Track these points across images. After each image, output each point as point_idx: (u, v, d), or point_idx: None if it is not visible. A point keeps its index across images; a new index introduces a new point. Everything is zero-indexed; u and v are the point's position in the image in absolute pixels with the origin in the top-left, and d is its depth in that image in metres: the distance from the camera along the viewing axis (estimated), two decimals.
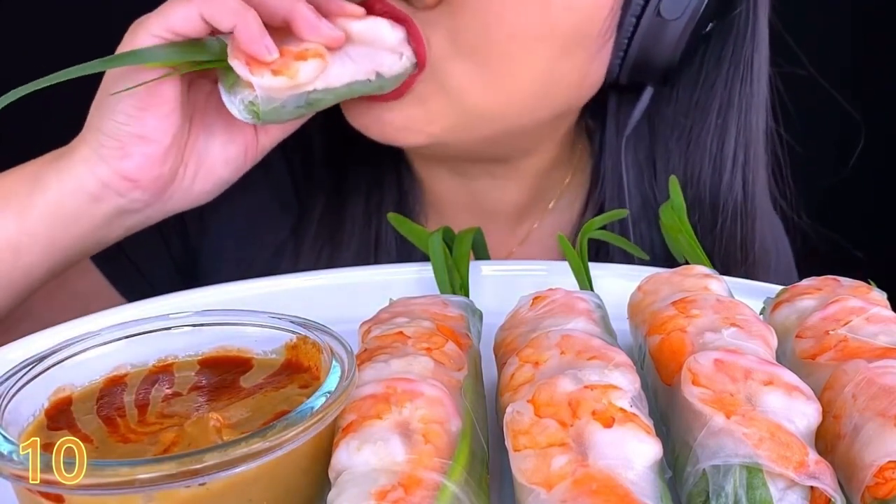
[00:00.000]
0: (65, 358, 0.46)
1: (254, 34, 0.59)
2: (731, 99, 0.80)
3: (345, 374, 0.42)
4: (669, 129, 0.82)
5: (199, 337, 0.49)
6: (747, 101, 0.80)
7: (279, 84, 0.60)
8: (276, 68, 0.60)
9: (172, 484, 0.36)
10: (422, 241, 0.68)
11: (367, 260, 0.83)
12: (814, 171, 1.55)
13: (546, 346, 0.45)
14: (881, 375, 0.42)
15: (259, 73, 0.59)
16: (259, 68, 0.59)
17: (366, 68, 0.64)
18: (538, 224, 0.89)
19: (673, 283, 0.53)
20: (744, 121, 0.81)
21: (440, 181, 0.88)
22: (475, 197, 0.88)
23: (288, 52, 0.61)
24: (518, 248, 0.89)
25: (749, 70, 0.79)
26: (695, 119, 0.81)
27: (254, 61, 0.59)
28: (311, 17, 0.61)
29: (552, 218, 0.89)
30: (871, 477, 0.38)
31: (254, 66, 0.59)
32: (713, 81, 0.80)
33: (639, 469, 0.37)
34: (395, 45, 0.65)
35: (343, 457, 0.39)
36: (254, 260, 0.71)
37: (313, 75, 0.61)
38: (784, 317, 0.52)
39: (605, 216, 0.67)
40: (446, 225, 0.68)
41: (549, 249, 0.88)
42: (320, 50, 0.61)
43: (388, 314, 0.51)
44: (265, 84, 0.60)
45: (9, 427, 0.40)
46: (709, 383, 0.41)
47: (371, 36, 0.64)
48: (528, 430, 0.39)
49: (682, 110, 0.81)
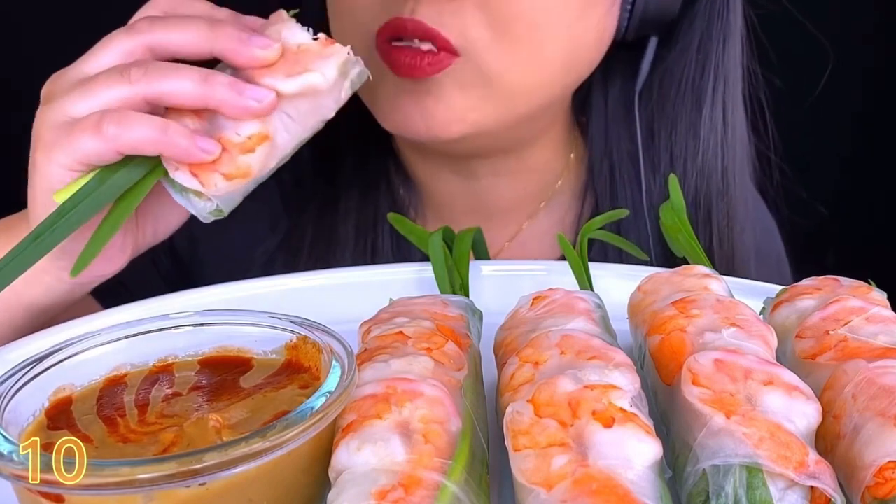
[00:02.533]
0: (65, 358, 0.46)
1: (184, 149, 0.53)
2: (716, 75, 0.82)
3: (345, 374, 0.42)
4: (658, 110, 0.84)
5: (199, 337, 0.49)
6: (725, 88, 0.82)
7: (234, 186, 0.55)
8: (226, 172, 0.54)
9: (172, 484, 0.36)
10: (422, 241, 0.69)
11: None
12: (815, 169, 1.55)
13: (546, 346, 0.45)
14: (881, 375, 0.42)
15: (209, 181, 0.54)
16: (207, 174, 0.54)
17: (312, 122, 0.58)
18: (527, 224, 0.90)
19: (673, 283, 0.53)
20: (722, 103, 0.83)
21: (442, 182, 0.88)
22: (476, 196, 0.88)
23: (229, 143, 0.54)
24: (507, 246, 0.89)
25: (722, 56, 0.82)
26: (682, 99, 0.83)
27: (197, 167, 0.54)
28: (231, 98, 0.53)
29: (541, 219, 0.90)
30: (871, 477, 0.38)
31: (200, 173, 0.54)
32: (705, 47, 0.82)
33: (639, 469, 0.37)
34: (328, 66, 0.56)
35: (343, 457, 0.39)
36: (244, 274, 0.71)
37: (265, 161, 0.56)
38: (784, 317, 0.52)
39: (604, 216, 0.67)
40: (443, 225, 0.68)
41: (536, 250, 0.88)
42: (263, 132, 0.55)
43: (388, 314, 0.51)
44: (221, 192, 0.55)
45: (9, 427, 0.40)
46: (709, 383, 0.41)
47: (303, 86, 0.55)
48: (528, 430, 0.39)
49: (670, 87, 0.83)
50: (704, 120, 0.83)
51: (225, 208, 0.56)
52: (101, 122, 0.52)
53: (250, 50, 0.53)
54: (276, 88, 0.54)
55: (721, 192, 0.84)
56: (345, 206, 0.87)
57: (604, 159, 0.86)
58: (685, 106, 0.83)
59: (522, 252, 0.89)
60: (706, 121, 0.83)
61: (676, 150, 0.83)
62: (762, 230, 0.96)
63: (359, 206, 0.87)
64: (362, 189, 0.88)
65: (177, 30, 0.55)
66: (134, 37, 0.55)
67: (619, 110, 0.85)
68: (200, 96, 0.53)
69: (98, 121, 0.52)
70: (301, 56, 0.55)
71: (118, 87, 0.53)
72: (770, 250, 0.97)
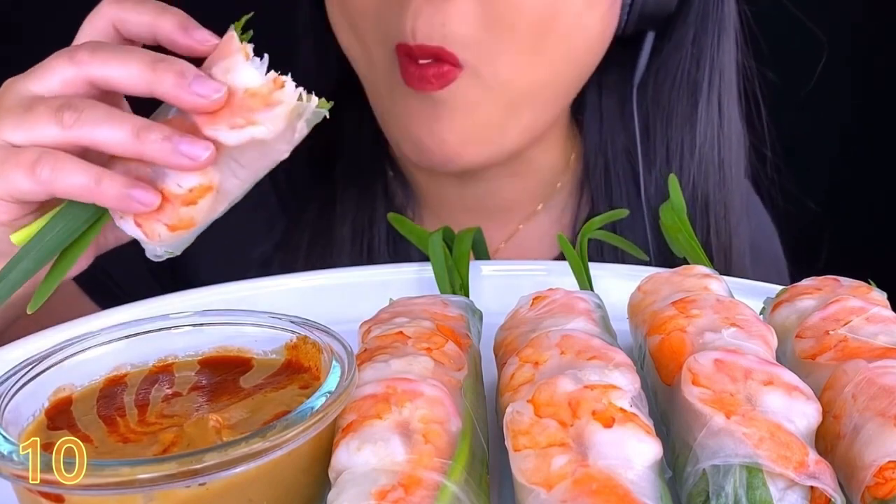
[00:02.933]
0: (65, 358, 0.46)
1: (116, 201, 0.50)
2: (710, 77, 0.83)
3: (345, 374, 0.42)
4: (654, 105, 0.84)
5: (199, 337, 0.49)
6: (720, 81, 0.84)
7: (180, 237, 0.53)
8: (169, 223, 0.51)
9: (172, 484, 0.36)
10: (422, 241, 0.69)
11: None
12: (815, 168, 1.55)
13: (546, 346, 0.45)
14: (881, 375, 0.42)
15: (152, 232, 0.52)
16: (150, 224, 0.51)
17: (262, 166, 0.53)
18: (524, 225, 0.90)
19: (673, 283, 0.53)
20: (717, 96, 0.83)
21: (440, 183, 0.88)
22: (476, 197, 0.88)
23: (171, 195, 0.51)
24: (503, 247, 0.90)
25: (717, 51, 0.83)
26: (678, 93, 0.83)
27: (141, 217, 0.51)
28: (164, 155, 0.49)
29: (539, 218, 0.90)
30: (871, 477, 0.38)
31: (143, 223, 0.52)
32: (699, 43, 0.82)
33: (639, 469, 0.37)
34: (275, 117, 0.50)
35: (343, 457, 0.39)
36: (240, 276, 0.71)
37: (210, 210, 0.52)
38: (784, 317, 0.52)
39: (604, 216, 0.67)
40: (440, 224, 0.68)
41: (533, 249, 0.89)
42: (205, 183, 0.51)
43: (389, 314, 0.51)
44: (167, 242, 0.53)
45: (9, 427, 0.40)
46: (709, 383, 0.41)
47: (247, 139, 0.50)
48: (528, 430, 0.39)
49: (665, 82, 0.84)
50: (700, 113, 0.83)
51: (176, 251, 0.54)
52: (36, 165, 0.51)
53: (191, 98, 0.49)
54: (218, 139, 0.50)
55: (718, 183, 0.85)
56: (342, 206, 0.87)
57: (598, 156, 0.87)
58: (681, 100, 0.84)
59: (520, 252, 0.89)
60: (702, 114, 0.83)
61: (673, 144, 0.84)
62: (758, 226, 0.96)
63: (356, 206, 0.87)
64: (359, 189, 0.88)
65: (117, 64, 0.51)
66: (75, 66, 0.52)
67: (613, 107, 0.86)
68: (132, 150, 0.50)
69: (34, 162, 0.51)
70: (247, 101, 0.50)
71: (52, 128, 0.51)
72: (768, 249, 0.98)
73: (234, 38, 0.51)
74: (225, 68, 0.50)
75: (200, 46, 0.53)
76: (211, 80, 0.49)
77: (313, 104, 0.51)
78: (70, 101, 0.51)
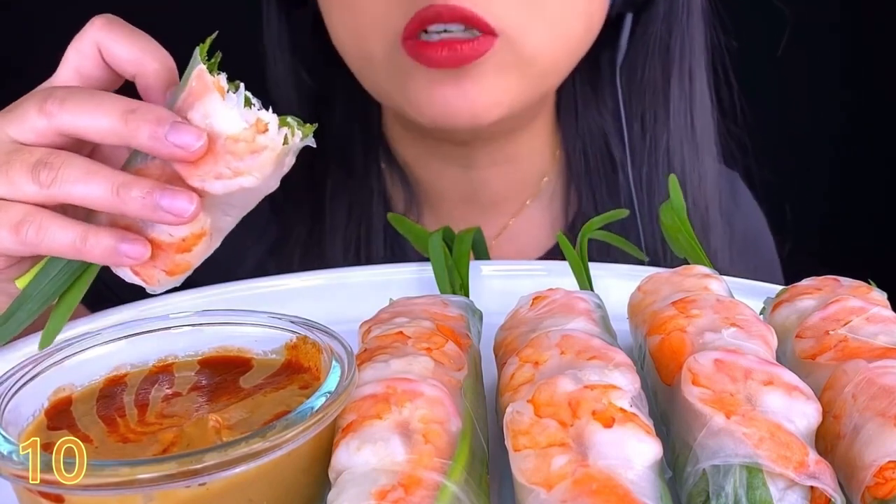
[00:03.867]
0: (65, 358, 0.46)
1: (105, 257, 0.49)
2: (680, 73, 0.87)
3: (345, 375, 0.42)
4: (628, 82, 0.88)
5: (199, 337, 0.49)
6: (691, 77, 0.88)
7: (178, 279, 0.51)
8: (166, 269, 0.50)
9: (172, 484, 0.36)
10: (422, 241, 0.69)
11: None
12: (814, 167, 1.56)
13: (546, 346, 0.45)
14: (881, 375, 0.42)
15: (151, 278, 0.51)
16: (148, 271, 0.50)
17: (255, 200, 0.51)
18: (514, 221, 0.92)
19: (673, 283, 0.53)
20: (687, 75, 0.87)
21: (435, 173, 0.90)
22: (470, 186, 0.90)
23: (163, 244, 0.50)
24: (494, 243, 0.91)
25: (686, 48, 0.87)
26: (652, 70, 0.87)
27: (137, 265, 0.50)
28: (145, 212, 0.47)
29: (527, 215, 0.92)
30: (871, 477, 0.38)
31: (141, 270, 0.50)
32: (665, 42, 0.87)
33: (639, 469, 0.37)
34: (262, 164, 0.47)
35: (343, 457, 0.39)
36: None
37: (206, 249, 0.51)
38: (784, 317, 0.52)
39: (604, 216, 0.67)
40: (434, 216, 0.68)
41: (523, 245, 0.90)
42: (198, 231, 0.49)
43: (389, 314, 0.51)
44: (166, 285, 0.51)
45: (9, 427, 0.40)
46: (709, 383, 0.41)
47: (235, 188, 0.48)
48: (528, 430, 0.39)
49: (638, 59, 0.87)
50: (673, 86, 0.87)
51: (177, 283, 0.53)
52: (21, 225, 0.50)
53: (170, 150, 0.46)
54: (205, 189, 0.48)
55: (692, 152, 0.88)
56: (333, 203, 0.88)
57: (577, 140, 0.90)
58: (654, 72, 0.87)
59: (511, 246, 0.90)
60: (675, 86, 0.87)
61: (648, 115, 0.87)
62: (748, 215, 0.99)
63: (349, 203, 0.88)
64: (351, 188, 0.88)
65: (87, 117, 0.49)
66: (45, 118, 0.50)
67: (589, 92, 0.88)
68: (113, 208, 0.48)
69: (18, 223, 0.50)
70: (231, 147, 0.47)
71: (30, 185, 0.50)
72: (758, 237, 1.00)
73: (204, 74, 0.47)
74: (203, 113, 0.47)
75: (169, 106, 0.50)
76: (188, 127, 0.46)
77: (297, 139, 0.48)
78: (45, 158, 0.49)
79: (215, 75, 0.47)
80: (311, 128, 0.49)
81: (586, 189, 0.89)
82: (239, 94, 0.47)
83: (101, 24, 0.53)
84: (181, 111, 0.48)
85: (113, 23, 0.53)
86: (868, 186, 1.61)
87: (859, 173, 1.61)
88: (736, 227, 0.94)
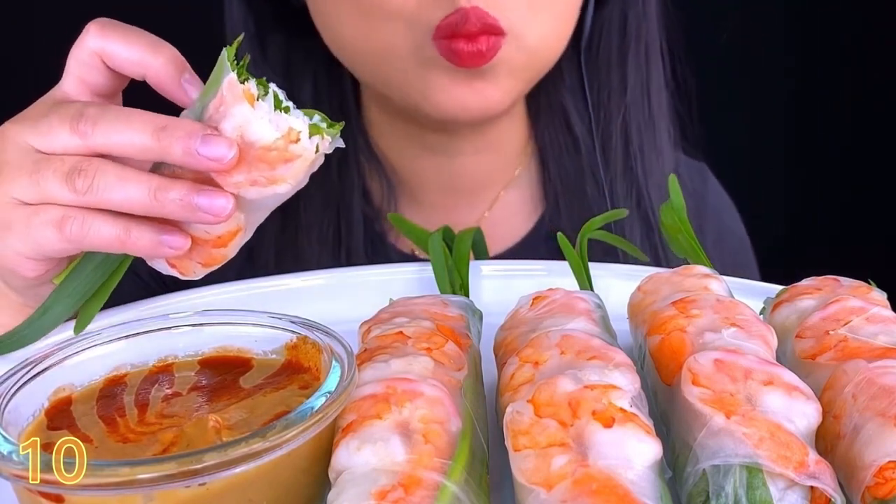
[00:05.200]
0: (65, 358, 0.46)
1: (147, 249, 0.51)
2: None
3: (345, 375, 0.42)
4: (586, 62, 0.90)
5: (199, 337, 0.49)
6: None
7: (213, 269, 0.53)
8: (202, 261, 0.52)
9: (172, 484, 0.36)
10: (422, 241, 0.69)
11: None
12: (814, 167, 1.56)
13: (546, 346, 0.45)
14: (881, 375, 0.42)
15: (188, 269, 0.52)
16: (184, 263, 0.52)
17: (285, 197, 0.51)
18: (489, 213, 0.93)
19: (673, 283, 0.53)
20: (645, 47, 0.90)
21: (415, 161, 0.90)
22: (449, 174, 0.91)
23: (199, 240, 0.51)
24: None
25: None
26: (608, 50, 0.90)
27: (174, 258, 0.52)
28: (184, 214, 0.49)
29: (501, 205, 0.93)
30: (871, 477, 0.38)
31: (177, 262, 0.52)
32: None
33: (639, 469, 0.37)
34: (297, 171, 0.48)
35: (343, 457, 0.39)
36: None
37: (240, 242, 0.52)
38: (784, 317, 0.52)
39: (604, 216, 0.67)
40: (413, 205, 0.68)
41: (497, 235, 0.91)
42: (233, 229, 0.50)
43: (388, 314, 0.51)
44: (202, 275, 0.53)
45: (9, 427, 0.40)
46: (709, 383, 0.41)
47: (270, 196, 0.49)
48: (528, 430, 0.39)
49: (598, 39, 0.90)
50: (630, 66, 0.89)
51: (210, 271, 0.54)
52: (64, 222, 0.51)
53: (204, 163, 0.47)
54: (240, 194, 0.49)
55: (647, 122, 0.91)
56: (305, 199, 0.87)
57: (542, 119, 0.92)
58: (611, 52, 0.89)
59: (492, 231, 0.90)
60: (631, 66, 0.89)
61: (604, 90, 0.90)
62: (719, 207, 1.00)
63: (324, 197, 0.88)
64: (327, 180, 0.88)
65: (119, 137, 0.50)
66: (79, 137, 0.51)
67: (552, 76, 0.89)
68: (151, 211, 0.50)
69: (61, 220, 0.51)
70: (265, 155, 0.47)
71: (65, 193, 0.51)
72: (731, 228, 1.01)
73: (234, 84, 0.47)
74: (235, 124, 0.47)
75: (188, 99, 0.52)
76: (219, 139, 0.47)
77: (327, 143, 0.49)
78: (79, 166, 0.50)
79: (244, 83, 0.47)
80: (339, 126, 0.50)
81: (554, 170, 0.91)
82: (269, 99, 0.47)
83: (95, 30, 0.54)
84: (213, 121, 0.48)
85: (107, 27, 0.54)
86: (868, 186, 1.61)
87: (859, 173, 1.61)
88: (706, 222, 0.96)
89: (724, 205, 1.02)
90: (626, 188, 0.90)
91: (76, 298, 0.55)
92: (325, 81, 0.90)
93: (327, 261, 0.87)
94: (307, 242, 0.87)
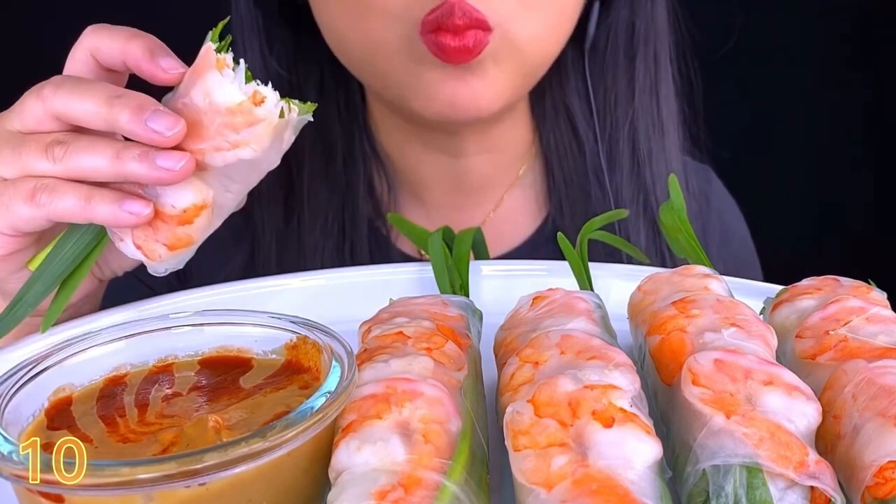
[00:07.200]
0: (65, 358, 0.46)
1: (108, 216, 0.51)
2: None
3: (345, 375, 0.42)
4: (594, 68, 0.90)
5: (199, 337, 0.49)
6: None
7: (180, 255, 0.53)
8: (167, 243, 0.52)
9: (172, 484, 0.36)
10: (422, 241, 0.69)
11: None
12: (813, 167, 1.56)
13: (546, 345, 0.45)
14: (881, 375, 0.42)
15: (153, 252, 0.52)
16: (149, 245, 0.52)
17: (255, 177, 0.53)
18: (493, 213, 0.93)
19: (673, 283, 0.53)
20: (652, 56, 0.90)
21: (420, 161, 0.90)
22: (455, 175, 0.91)
23: (165, 216, 0.51)
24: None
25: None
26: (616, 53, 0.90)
27: (140, 239, 0.52)
28: (143, 170, 0.50)
29: (509, 201, 0.93)
30: (871, 477, 0.38)
31: (143, 245, 0.52)
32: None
33: (639, 469, 0.37)
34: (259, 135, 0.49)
35: (343, 457, 0.39)
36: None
37: (207, 225, 0.52)
38: (784, 317, 0.52)
39: (604, 216, 0.67)
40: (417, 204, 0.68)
41: (501, 235, 0.92)
42: (199, 202, 0.51)
43: (388, 314, 0.51)
44: (168, 262, 0.53)
45: (9, 427, 0.40)
46: (709, 383, 0.41)
47: (233, 160, 0.50)
48: (528, 430, 0.39)
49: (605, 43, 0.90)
50: (638, 70, 0.89)
51: (178, 265, 0.54)
52: (35, 192, 0.52)
53: (148, 133, 0.49)
54: (205, 161, 0.49)
55: (656, 127, 0.90)
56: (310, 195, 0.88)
57: (546, 120, 0.92)
58: (619, 56, 0.89)
59: (493, 238, 0.90)
60: (640, 71, 0.89)
61: (611, 96, 0.90)
62: (722, 209, 1.00)
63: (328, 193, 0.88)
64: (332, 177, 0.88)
65: (76, 100, 0.52)
66: (41, 102, 0.53)
67: (552, 68, 0.89)
68: (115, 172, 0.51)
69: (32, 189, 0.52)
70: (229, 120, 0.48)
71: (43, 162, 0.53)
72: (735, 231, 1.01)
73: (209, 52, 0.48)
74: (204, 90, 0.48)
75: (165, 74, 0.52)
76: (167, 113, 0.49)
77: (295, 114, 0.49)
78: (58, 137, 0.53)
79: (221, 53, 0.48)
80: (312, 106, 0.50)
81: (558, 172, 0.91)
82: (239, 70, 0.48)
83: (88, 32, 0.56)
84: (185, 89, 0.49)
85: (99, 28, 0.56)
86: (868, 186, 1.61)
87: (859, 173, 1.61)
88: (710, 225, 0.96)
89: (728, 206, 1.02)
90: (634, 192, 0.90)
91: (48, 285, 0.55)
92: (330, 78, 0.90)
93: (331, 254, 0.87)
94: (311, 233, 0.87)
